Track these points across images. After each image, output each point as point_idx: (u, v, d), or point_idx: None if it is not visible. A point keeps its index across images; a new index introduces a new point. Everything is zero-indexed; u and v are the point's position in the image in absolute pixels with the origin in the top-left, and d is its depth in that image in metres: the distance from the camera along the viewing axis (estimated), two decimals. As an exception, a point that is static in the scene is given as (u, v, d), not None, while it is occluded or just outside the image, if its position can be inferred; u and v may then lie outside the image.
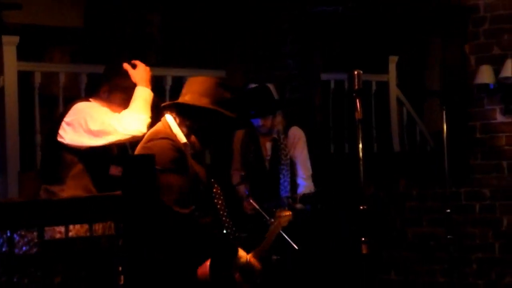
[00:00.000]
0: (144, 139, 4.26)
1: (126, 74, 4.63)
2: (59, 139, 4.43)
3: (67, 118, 4.47)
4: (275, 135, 6.54)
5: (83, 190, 4.22)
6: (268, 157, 6.60)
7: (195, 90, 4.32)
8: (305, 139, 6.65)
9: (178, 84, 8.04)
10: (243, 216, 6.23)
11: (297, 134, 6.64)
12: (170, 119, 4.32)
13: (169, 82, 8.01)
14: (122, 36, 8.71)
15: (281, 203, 6.46)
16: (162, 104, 4.45)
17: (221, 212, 4.55)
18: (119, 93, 4.62)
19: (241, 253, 4.48)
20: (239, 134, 6.74)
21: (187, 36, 8.74)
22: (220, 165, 7.98)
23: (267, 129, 6.53)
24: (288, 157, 6.53)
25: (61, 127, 4.46)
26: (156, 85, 7.91)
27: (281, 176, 6.52)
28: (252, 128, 6.66)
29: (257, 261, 4.60)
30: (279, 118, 6.55)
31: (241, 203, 6.38)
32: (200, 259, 4.33)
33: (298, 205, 6.27)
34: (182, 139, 4.26)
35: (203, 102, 4.27)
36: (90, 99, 4.68)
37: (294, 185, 6.55)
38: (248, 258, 4.51)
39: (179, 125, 4.29)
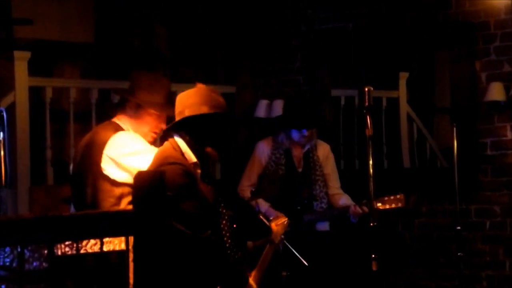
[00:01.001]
0: (153, 163, 4.21)
1: (152, 89, 4.59)
2: (104, 172, 4.35)
3: (110, 151, 4.39)
4: (308, 147, 6.58)
5: None
6: (300, 169, 6.62)
7: (191, 102, 4.31)
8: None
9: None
10: (248, 232, 6.23)
11: (326, 148, 6.73)
12: (179, 140, 4.28)
13: (179, 97, 8.01)
14: (130, 50, 8.73)
15: (324, 214, 6.51)
16: (166, 128, 4.42)
17: (224, 232, 4.54)
18: (147, 109, 4.58)
19: (250, 281, 4.47)
20: (265, 147, 6.70)
21: (196, 51, 8.76)
22: (230, 180, 7.98)
23: (305, 142, 6.55)
24: (322, 169, 6.58)
25: (103, 159, 4.38)
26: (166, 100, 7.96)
27: (317, 187, 6.54)
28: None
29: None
30: (314, 132, 6.59)
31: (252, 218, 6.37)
32: (211, 284, 4.31)
33: (366, 209, 6.28)
34: (192, 159, 4.24)
35: (205, 110, 4.28)
36: (118, 116, 4.63)
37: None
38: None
39: (189, 143, 4.27)
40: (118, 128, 4.52)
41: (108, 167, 4.31)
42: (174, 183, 3.92)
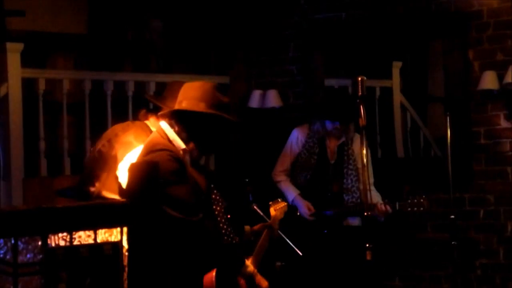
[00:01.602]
0: (142, 152, 4.16)
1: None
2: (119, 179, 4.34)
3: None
4: (343, 139, 6.54)
5: None
6: (333, 161, 6.58)
7: (191, 96, 4.28)
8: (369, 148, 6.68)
9: (182, 91, 8.05)
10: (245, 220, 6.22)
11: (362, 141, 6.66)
12: (165, 127, 4.23)
13: (172, 88, 8.00)
14: (124, 42, 8.71)
15: (346, 210, 6.46)
16: (160, 113, 4.41)
17: (219, 219, 4.53)
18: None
19: (247, 262, 4.47)
20: (300, 135, 6.67)
21: (189, 42, 8.75)
22: (224, 171, 7.98)
23: (340, 133, 6.52)
24: (356, 162, 6.52)
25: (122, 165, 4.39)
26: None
27: (349, 181, 6.50)
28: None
29: (262, 278, 4.55)
30: (352, 127, 6.53)
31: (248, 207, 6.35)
32: (206, 267, 4.32)
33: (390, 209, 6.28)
34: (181, 145, 4.19)
35: (202, 107, 4.23)
36: (150, 119, 4.65)
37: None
38: (254, 271, 4.47)
39: (178, 132, 4.25)
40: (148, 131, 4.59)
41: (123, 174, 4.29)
42: (163, 169, 3.89)
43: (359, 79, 4.34)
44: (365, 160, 4.76)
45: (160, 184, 3.55)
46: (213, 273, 4.38)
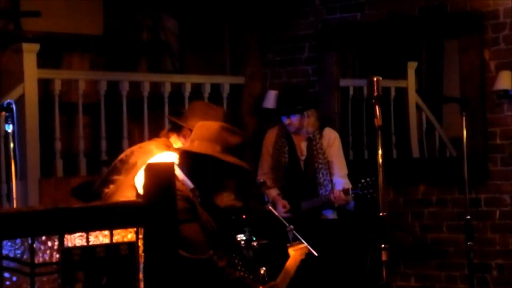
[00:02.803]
0: None
1: (207, 116, 4.58)
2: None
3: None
4: (310, 135, 6.66)
5: None
6: (303, 157, 6.71)
7: (203, 136, 4.27)
8: (340, 140, 6.80)
9: (197, 91, 8.07)
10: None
11: (332, 135, 6.81)
12: (175, 166, 4.22)
13: (188, 89, 8.03)
14: (139, 42, 8.73)
15: (320, 201, 6.58)
16: (173, 148, 4.37)
17: (233, 256, 4.53)
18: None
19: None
20: (271, 135, 6.86)
21: (204, 42, 8.76)
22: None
23: (295, 128, 6.66)
24: (325, 156, 6.65)
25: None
26: (175, 92, 7.98)
27: (320, 175, 6.63)
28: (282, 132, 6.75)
29: None
30: (311, 119, 6.67)
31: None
32: None
33: (349, 197, 6.40)
34: (190, 185, 4.19)
35: (211, 149, 4.19)
36: (171, 137, 4.67)
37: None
38: None
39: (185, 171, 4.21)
40: (170, 146, 4.58)
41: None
42: None
43: (375, 79, 4.32)
44: (380, 160, 4.75)
45: None
46: None
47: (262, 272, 5.14)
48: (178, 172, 4.19)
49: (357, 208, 6.82)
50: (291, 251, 5.20)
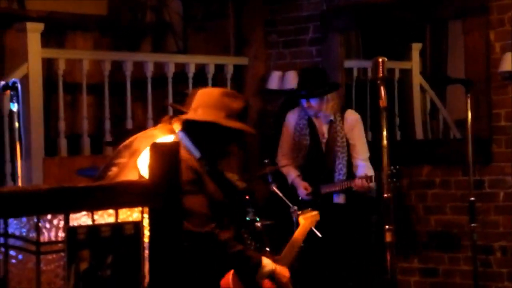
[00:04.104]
0: None
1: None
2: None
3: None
4: (331, 118, 6.64)
5: None
6: (325, 140, 6.69)
7: (205, 103, 4.25)
8: (362, 122, 6.79)
9: (201, 72, 8.06)
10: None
11: (354, 117, 6.80)
12: (182, 136, 4.22)
13: (192, 69, 8.02)
14: (143, 22, 8.72)
15: (340, 186, 6.59)
16: (175, 119, 4.36)
17: (237, 228, 4.54)
18: None
19: (265, 261, 4.43)
20: (292, 117, 6.84)
21: (208, 23, 8.74)
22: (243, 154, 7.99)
23: (314, 111, 6.63)
24: (344, 139, 6.64)
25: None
26: (179, 72, 7.97)
27: (338, 159, 6.61)
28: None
29: (283, 270, 4.53)
30: (331, 104, 6.64)
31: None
32: (222, 273, 4.33)
33: (372, 184, 6.39)
34: (197, 154, 4.20)
35: (215, 116, 4.19)
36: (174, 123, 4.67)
37: (349, 167, 6.65)
38: (274, 268, 4.45)
39: (193, 141, 4.22)
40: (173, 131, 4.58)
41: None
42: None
43: (380, 60, 4.32)
44: (385, 142, 4.74)
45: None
46: (230, 274, 4.40)
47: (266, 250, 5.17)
48: (186, 140, 4.20)
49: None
50: (301, 219, 5.21)
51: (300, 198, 6.63)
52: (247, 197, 5.80)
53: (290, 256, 4.90)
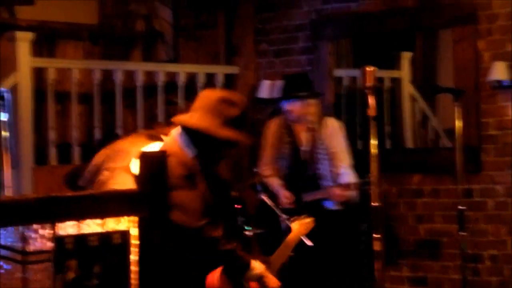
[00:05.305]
0: None
1: None
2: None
3: None
4: (309, 125, 6.59)
5: None
6: (304, 148, 6.64)
7: (203, 107, 4.28)
8: (344, 130, 6.73)
9: (192, 81, 8.07)
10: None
11: (334, 125, 6.73)
12: (180, 133, 4.29)
13: (182, 78, 8.03)
14: (133, 31, 8.72)
15: (321, 194, 6.54)
16: (172, 120, 4.40)
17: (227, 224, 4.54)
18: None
19: (256, 264, 4.43)
20: (272, 126, 6.79)
21: (199, 32, 8.75)
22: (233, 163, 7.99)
23: (295, 117, 6.58)
24: (324, 147, 6.58)
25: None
26: (169, 81, 7.98)
27: (320, 166, 6.56)
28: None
29: (273, 279, 4.53)
30: (313, 109, 6.60)
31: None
32: (209, 269, 4.33)
33: (350, 192, 6.34)
34: (190, 153, 4.24)
35: (208, 123, 4.23)
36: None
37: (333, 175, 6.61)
38: (262, 273, 4.45)
39: (187, 140, 4.26)
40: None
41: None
42: (170, 174, 3.87)
43: (367, 69, 4.33)
44: (374, 151, 4.76)
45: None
46: (217, 273, 4.39)
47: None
48: (180, 139, 4.24)
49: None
50: (295, 224, 5.21)
51: (281, 207, 6.58)
52: (239, 206, 5.80)
53: (280, 259, 4.90)
